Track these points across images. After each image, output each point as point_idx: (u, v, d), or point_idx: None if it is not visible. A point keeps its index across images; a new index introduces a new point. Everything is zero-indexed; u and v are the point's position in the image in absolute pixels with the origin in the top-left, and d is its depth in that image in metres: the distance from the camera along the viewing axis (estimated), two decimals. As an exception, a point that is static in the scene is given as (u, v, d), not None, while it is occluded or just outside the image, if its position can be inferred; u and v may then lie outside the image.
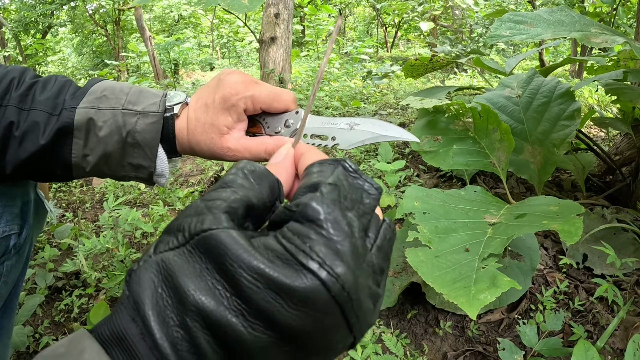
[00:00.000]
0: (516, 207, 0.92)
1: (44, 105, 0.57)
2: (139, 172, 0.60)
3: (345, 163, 0.34)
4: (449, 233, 0.77)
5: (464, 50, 5.20)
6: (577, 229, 0.73)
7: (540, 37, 0.94)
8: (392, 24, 14.43)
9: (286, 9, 4.22)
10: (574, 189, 1.66)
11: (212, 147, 0.59)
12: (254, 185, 0.32)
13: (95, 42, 17.08)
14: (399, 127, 0.53)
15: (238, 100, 0.57)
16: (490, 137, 1.18)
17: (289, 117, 0.60)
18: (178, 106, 0.60)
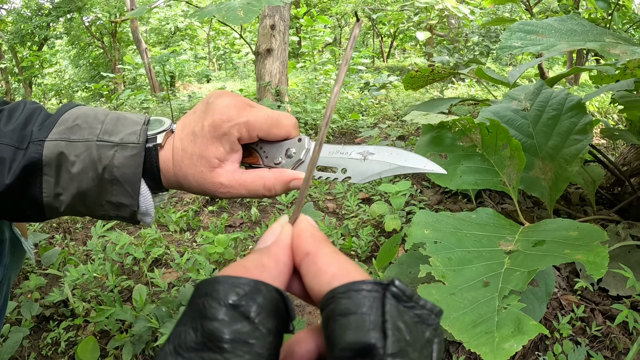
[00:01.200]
0: (532, 232, 0.86)
1: (9, 137, 0.49)
2: (120, 211, 0.52)
3: (394, 289, 0.23)
4: (464, 265, 0.71)
5: (462, 59, 5.17)
6: (603, 260, 0.66)
7: (555, 48, 0.89)
8: (388, 34, 14.48)
9: (282, 21, 4.18)
10: (583, 203, 1.61)
11: (201, 182, 0.51)
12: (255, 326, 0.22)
13: (91, 54, 17.10)
14: (419, 156, 0.46)
15: (230, 127, 0.49)
16: (499, 153, 1.12)
17: (291, 145, 0.52)
18: (162, 135, 0.52)
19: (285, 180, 0.50)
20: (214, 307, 0.22)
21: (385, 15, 9.87)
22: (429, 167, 0.45)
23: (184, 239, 1.77)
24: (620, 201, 1.48)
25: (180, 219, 1.89)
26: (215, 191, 0.52)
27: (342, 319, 0.22)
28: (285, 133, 0.51)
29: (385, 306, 0.22)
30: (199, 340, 0.21)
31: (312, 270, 0.26)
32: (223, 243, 1.32)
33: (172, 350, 0.21)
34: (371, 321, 0.21)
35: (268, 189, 0.51)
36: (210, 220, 1.92)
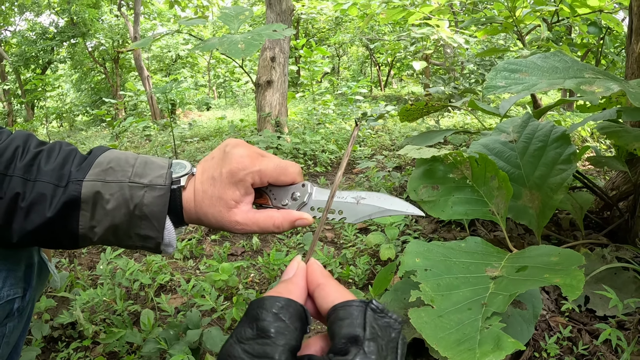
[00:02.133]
0: (517, 258, 0.92)
1: (49, 176, 0.57)
2: (146, 242, 0.60)
3: (372, 304, 0.37)
4: (452, 290, 0.77)
5: (457, 88, 5.31)
6: (579, 282, 0.73)
7: (536, 87, 0.97)
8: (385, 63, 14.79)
9: (282, 53, 4.31)
10: (573, 228, 1.67)
11: (220, 220, 0.60)
12: (288, 325, 0.35)
13: (94, 79, 17.38)
14: (404, 201, 0.56)
15: (246, 175, 0.58)
16: (488, 185, 1.19)
17: (296, 189, 0.62)
18: (184, 178, 0.61)
19: (291, 219, 0.59)
20: (264, 314, 0.35)
21: (383, 45, 10.13)
22: (410, 210, 0.55)
23: (187, 267, 1.82)
24: (608, 225, 1.54)
25: (184, 247, 1.94)
26: (232, 228, 0.60)
27: (340, 322, 0.36)
28: (291, 179, 0.61)
29: (366, 314, 0.36)
30: (254, 334, 0.34)
31: (322, 295, 0.41)
32: (227, 271, 1.37)
33: (235, 341, 0.34)
34: (357, 323, 0.35)
35: (277, 227, 0.59)
36: (213, 248, 1.98)
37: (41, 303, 1.35)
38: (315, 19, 13.42)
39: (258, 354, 0.32)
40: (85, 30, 14.62)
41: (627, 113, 1.32)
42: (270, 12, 4.33)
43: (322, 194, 0.61)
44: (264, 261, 1.65)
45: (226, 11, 2.86)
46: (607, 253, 1.29)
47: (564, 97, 1.75)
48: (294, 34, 2.49)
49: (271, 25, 2.67)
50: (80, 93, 17.87)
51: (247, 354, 0.33)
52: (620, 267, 1.23)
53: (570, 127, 1.38)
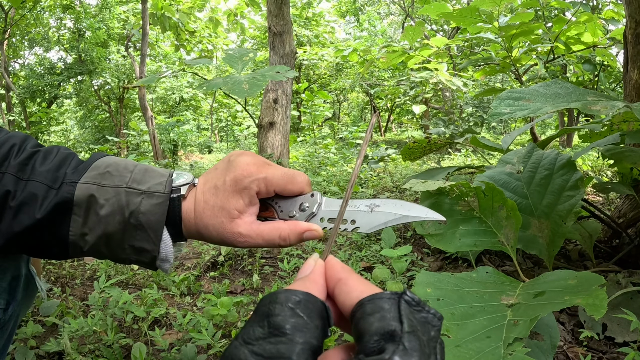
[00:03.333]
0: (532, 285, 0.88)
1: (43, 177, 0.54)
2: (140, 256, 0.56)
3: (407, 296, 0.31)
4: (467, 319, 0.72)
5: (457, 130, 5.37)
6: (602, 301, 0.69)
7: (540, 111, 0.96)
8: (385, 108, 15.07)
9: (285, 95, 4.38)
10: (582, 258, 1.62)
11: (221, 232, 0.55)
12: (307, 321, 0.29)
13: (98, 117, 17.62)
14: (422, 206, 0.50)
15: (251, 182, 0.54)
16: (496, 215, 1.16)
17: (304, 200, 0.57)
18: (185, 187, 0.57)
19: (299, 231, 0.54)
20: (278, 308, 0.29)
21: (382, 90, 10.35)
22: (430, 215, 0.49)
23: (184, 303, 1.75)
24: (618, 253, 1.50)
25: (182, 282, 1.88)
26: (235, 240, 0.56)
27: (369, 317, 0.29)
28: (299, 189, 0.56)
29: (401, 306, 0.30)
30: (266, 332, 0.28)
31: (345, 291, 0.34)
32: (226, 305, 1.32)
33: (241, 342, 0.28)
34: (391, 316, 0.29)
35: (283, 239, 0.54)
36: (211, 285, 1.92)
37: (28, 328, 1.29)
38: (317, 65, 13.80)
39: (271, 354, 0.26)
40: (92, 68, 14.99)
41: (630, 136, 1.31)
42: (273, 55, 4.43)
43: (332, 204, 0.56)
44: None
45: (230, 52, 2.92)
46: (621, 278, 1.25)
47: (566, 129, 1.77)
48: (296, 76, 2.54)
49: (274, 67, 2.72)
50: (84, 130, 18.08)
51: (256, 356, 0.26)
52: (636, 292, 1.18)
53: (575, 154, 1.37)
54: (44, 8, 15.12)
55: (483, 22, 3.02)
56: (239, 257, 2.14)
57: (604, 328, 1.14)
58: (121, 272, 2.01)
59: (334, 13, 18.14)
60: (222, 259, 2.10)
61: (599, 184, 1.50)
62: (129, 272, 2.00)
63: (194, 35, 13.11)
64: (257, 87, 2.38)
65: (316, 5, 15.22)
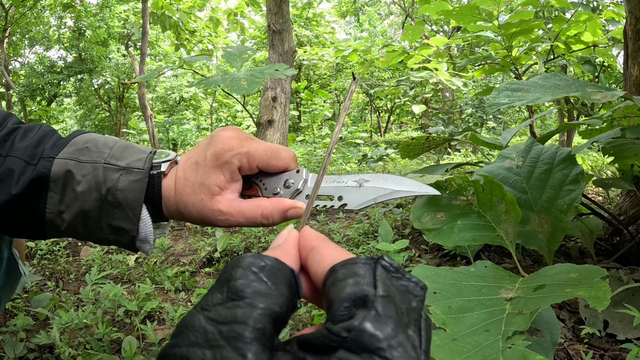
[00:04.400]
0: (532, 279, 0.85)
1: (22, 152, 0.52)
2: (119, 236, 0.53)
3: (384, 261, 0.28)
4: (465, 312, 0.70)
5: (456, 129, 5.35)
6: (605, 293, 0.66)
7: (539, 100, 0.94)
8: (385, 109, 15.04)
9: (283, 93, 4.36)
10: (583, 256, 1.60)
11: (201, 210, 0.53)
12: (271, 287, 0.26)
13: (98, 116, 17.59)
14: (413, 180, 0.46)
15: (232, 156, 0.51)
16: (495, 209, 1.14)
17: (289, 176, 0.53)
18: (166, 164, 0.55)
19: (282, 208, 0.51)
20: (240, 272, 0.26)
21: (382, 90, 10.33)
22: (423, 190, 0.46)
23: (178, 299, 1.73)
24: (619, 250, 1.48)
25: (176, 278, 1.86)
26: (214, 218, 0.53)
27: (341, 283, 0.26)
28: (284, 165, 0.53)
29: (377, 271, 0.26)
30: (224, 297, 0.25)
31: (317, 259, 0.31)
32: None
33: (198, 309, 0.25)
34: (365, 281, 0.25)
35: (266, 217, 0.52)
36: (206, 281, 1.90)
37: (18, 320, 1.26)
38: (317, 65, 13.78)
39: (226, 319, 0.23)
40: (92, 67, 14.97)
41: (631, 130, 1.28)
42: (272, 53, 4.41)
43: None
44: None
45: (229, 50, 2.90)
46: (623, 275, 1.22)
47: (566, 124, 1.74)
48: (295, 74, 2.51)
49: (273, 65, 2.70)
50: (84, 129, 18.06)
51: (210, 321, 0.23)
52: (638, 288, 1.15)
53: (575, 149, 1.34)
54: (44, 7, 15.11)
55: (483, 20, 3.00)
56: (235, 254, 2.12)
57: (605, 325, 1.12)
58: (116, 267, 1.98)
59: (334, 13, 18.13)
60: (218, 255, 2.08)
61: (599, 179, 1.48)
62: (122, 267, 1.98)
63: (194, 35, 13.10)
64: (256, 84, 2.36)
65: (316, 5, 15.21)
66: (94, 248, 2.23)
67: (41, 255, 2.12)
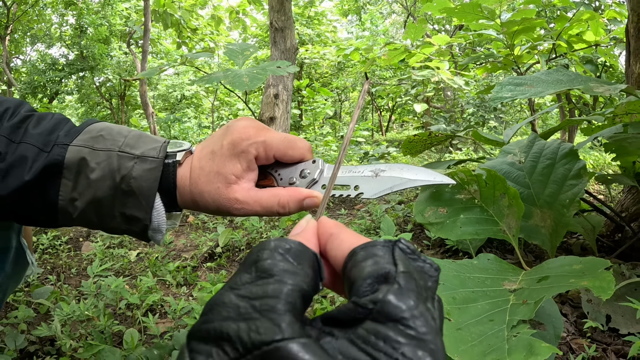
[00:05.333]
0: (535, 272, 0.86)
1: (35, 139, 0.52)
2: (132, 225, 0.53)
3: (401, 244, 0.29)
4: (469, 303, 0.70)
5: (458, 128, 5.34)
6: (609, 283, 0.66)
7: (542, 93, 0.94)
8: (387, 108, 15.03)
9: (285, 90, 4.36)
10: (584, 252, 1.60)
11: (217, 199, 0.53)
12: (297, 267, 0.27)
13: (99, 114, 17.60)
14: (429, 170, 0.47)
15: (249, 145, 0.51)
16: (498, 203, 1.14)
17: (305, 166, 0.54)
18: (181, 153, 0.55)
19: (299, 198, 0.51)
20: (267, 253, 0.27)
21: (384, 89, 10.32)
22: (438, 179, 0.47)
23: (180, 293, 1.73)
24: (620, 247, 1.48)
25: (178, 272, 1.86)
26: (231, 207, 0.53)
27: (362, 263, 0.28)
28: (299, 155, 0.53)
29: (395, 252, 0.28)
30: (253, 276, 0.26)
31: (336, 244, 0.32)
32: (221, 292, 1.29)
33: (227, 289, 0.26)
34: (385, 260, 0.27)
35: (282, 206, 0.52)
36: (208, 275, 1.90)
37: (19, 312, 1.27)
38: (319, 63, 13.77)
39: (257, 295, 0.24)
40: (94, 65, 14.97)
41: (633, 126, 1.28)
42: (274, 50, 4.41)
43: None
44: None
45: (231, 47, 2.91)
46: (625, 270, 1.22)
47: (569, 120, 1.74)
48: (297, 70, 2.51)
49: (275, 62, 2.70)
50: (89, 124, 18.07)
51: (242, 298, 0.24)
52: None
53: (577, 144, 1.35)
54: (46, 4, 15.11)
55: (485, 18, 2.99)
56: (237, 249, 2.12)
57: (607, 319, 1.12)
58: (117, 261, 1.99)
59: (336, 12, 18.12)
60: (220, 250, 2.08)
61: (601, 175, 1.48)
62: (124, 260, 1.98)
63: (196, 33, 13.09)
64: (258, 80, 2.37)
65: (318, 4, 15.20)
66: (95, 243, 2.23)
67: (43, 250, 2.12)
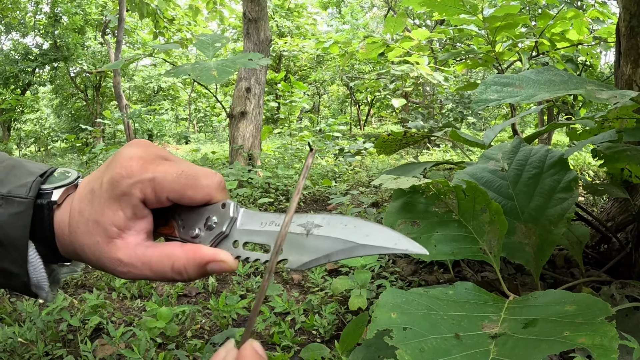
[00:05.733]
0: (520, 308, 0.73)
1: None
2: (9, 280, 0.41)
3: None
4: (440, 356, 0.56)
5: (436, 125, 5.26)
6: (612, 341, 0.53)
7: (534, 98, 0.81)
8: (365, 102, 14.94)
9: (258, 84, 4.19)
10: (569, 265, 1.51)
11: (99, 257, 0.39)
12: None
13: (74, 106, 17.13)
14: (388, 229, 0.32)
15: (131, 185, 0.37)
16: (478, 219, 1.01)
17: (212, 212, 0.39)
18: (59, 191, 0.41)
19: (199, 261, 0.38)
20: None
21: (363, 83, 10.20)
22: (401, 246, 0.32)
23: (134, 307, 1.58)
24: (607, 259, 1.39)
25: (132, 284, 1.71)
26: (114, 269, 0.39)
27: None
28: (203, 196, 0.39)
29: None
30: None
31: None
32: (165, 317, 1.14)
33: None
34: None
35: (178, 272, 0.38)
36: (165, 287, 1.75)
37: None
38: (297, 56, 13.59)
39: None
40: (67, 55, 14.51)
41: (628, 133, 1.18)
42: (247, 42, 4.24)
43: (252, 220, 0.38)
44: (214, 306, 1.42)
45: (202, 38, 2.75)
46: (615, 291, 1.12)
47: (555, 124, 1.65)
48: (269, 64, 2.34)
49: (247, 54, 2.56)
50: (60, 119, 17.55)
51: None
52: (632, 308, 1.05)
53: (566, 151, 1.23)
54: (21, -9, 14.54)
55: (467, 13, 2.90)
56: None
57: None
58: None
59: (316, 5, 17.90)
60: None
61: (590, 185, 1.37)
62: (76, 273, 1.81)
63: (173, 23, 12.76)
64: (227, 74, 2.24)
65: (299, -5, 14.98)
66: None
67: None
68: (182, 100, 19.13)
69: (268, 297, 1.48)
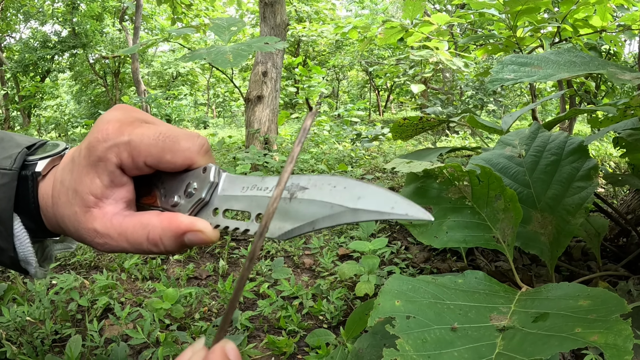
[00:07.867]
0: (531, 300, 0.69)
1: None
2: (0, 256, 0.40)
3: None
4: (443, 348, 0.54)
5: (455, 111, 5.16)
6: (626, 340, 0.50)
7: (553, 77, 0.76)
8: (385, 87, 14.76)
9: (275, 68, 4.15)
10: (585, 257, 1.45)
11: (77, 228, 0.37)
12: None
13: (94, 92, 17.39)
14: (385, 190, 0.27)
15: (106, 150, 0.35)
16: (492, 206, 0.97)
17: (192, 178, 0.36)
18: (44, 161, 0.40)
19: (176, 231, 0.35)
20: None
21: (382, 68, 10.05)
22: (399, 210, 0.26)
23: (144, 288, 1.59)
24: (625, 253, 1.33)
25: (144, 265, 1.72)
26: (92, 241, 0.37)
27: None
28: (184, 160, 0.36)
29: None
30: None
31: None
32: (171, 299, 1.14)
33: None
34: None
35: (154, 243, 0.36)
36: (175, 269, 1.75)
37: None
38: (316, 41, 13.46)
39: None
40: (86, 42, 14.68)
41: (653, 122, 1.12)
42: (264, 26, 4.20)
43: (234, 185, 0.35)
44: (221, 289, 1.41)
45: (217, 22, 2.73)
46: (632, 287, 1.07)
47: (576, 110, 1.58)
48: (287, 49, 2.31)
49: (263, 38, 2.53)
50: (80, 105, 17.85)
51: None
52: (649, 305, 1.00)
53: (586, 138, 1.17)
54: (38, -20, 14.73)
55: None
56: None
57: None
58: (85, 252, 1.84)
59: (336, -11, 17.63)
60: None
61: (610, 175, 1.31)
62: (90, 252, 1.83)
63: (191, 9, 12.76)
64: (242, 57, 2.21)
65: (318, -21, 14.78)
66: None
67: None
68: (201, 86, 19.23)
69: (277, 281, 1.47)
